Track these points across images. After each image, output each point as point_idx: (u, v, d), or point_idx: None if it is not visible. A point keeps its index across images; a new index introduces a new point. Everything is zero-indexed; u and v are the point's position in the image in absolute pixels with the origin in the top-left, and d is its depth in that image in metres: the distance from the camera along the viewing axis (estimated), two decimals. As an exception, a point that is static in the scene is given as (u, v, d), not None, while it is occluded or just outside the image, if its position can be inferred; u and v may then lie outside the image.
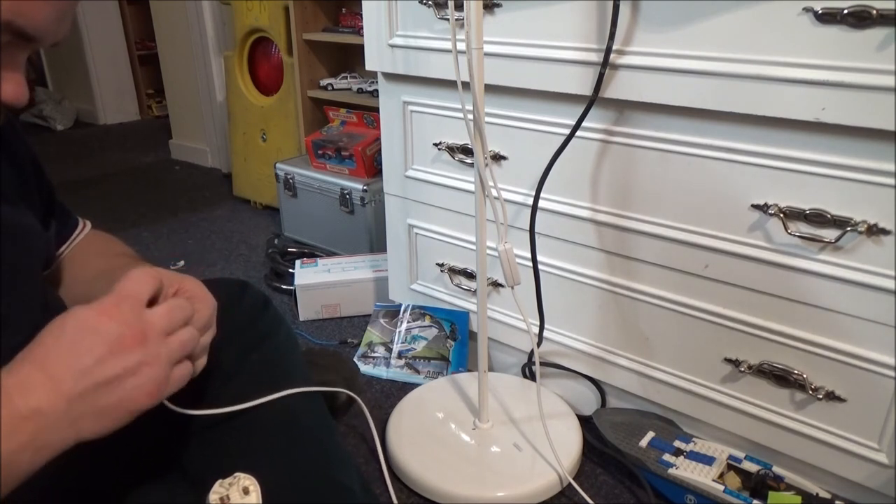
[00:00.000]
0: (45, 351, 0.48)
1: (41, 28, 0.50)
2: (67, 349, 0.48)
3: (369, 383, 1.34)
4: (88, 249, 0.76)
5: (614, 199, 1.05)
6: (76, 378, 0.47)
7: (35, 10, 0.49)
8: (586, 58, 0.97)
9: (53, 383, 0.47)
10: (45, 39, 0.51)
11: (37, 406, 0.46)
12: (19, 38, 0.49)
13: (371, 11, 1.21)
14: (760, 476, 0.96)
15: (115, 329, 0.49)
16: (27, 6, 0.48)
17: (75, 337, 0.49)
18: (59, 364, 0.47)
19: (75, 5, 0.53)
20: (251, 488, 0.58)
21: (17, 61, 0.51)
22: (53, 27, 0.51)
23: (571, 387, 1.23)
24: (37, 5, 0.49)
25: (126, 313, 0.51)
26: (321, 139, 1.90)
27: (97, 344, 0.49)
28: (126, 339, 0.49)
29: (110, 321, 0.50)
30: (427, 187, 1.30)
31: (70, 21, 0.53)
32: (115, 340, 0.49)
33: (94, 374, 0.48)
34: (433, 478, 1.03)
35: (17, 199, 0.63)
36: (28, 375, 0.47)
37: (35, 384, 0.46)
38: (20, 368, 0.47)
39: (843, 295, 0.87)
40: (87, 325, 0.49)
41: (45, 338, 0.49)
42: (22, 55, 0.51)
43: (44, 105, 3.69)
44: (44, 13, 0.49)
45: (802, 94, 0.81)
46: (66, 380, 0.47)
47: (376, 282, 1.60)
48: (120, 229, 2.19)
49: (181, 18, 2.58)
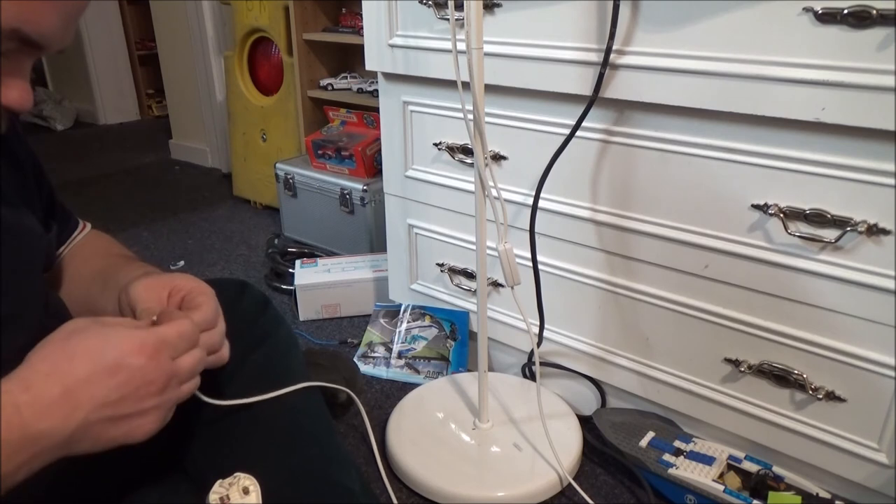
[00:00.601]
0: (74, 372, 0.48)
1: (47, 35, 0.50)
2: (98, 379, 0.48)
3: (369, 383, 1.34)
4: (87, 250, 0.77)
5: (614, 199, 1.05)
6: (95, 408, 0.48)
7: (41, 18, 0.49)
8: (586, 58, 0.97)
9: (70, 409, 0.47)
10: (51, 46, 0.51)
11: (48, 429, 0.46)
12: (25, 45, 0.49)
13: (371, 11, 1.21)
14: (760, 476, 0.96)
15: (149, 373, 0.50)
16: (34, 13, 0.48)
17: (112, 368, 0.49)
18: (84, 392, 0.48)
19: (81, 13, 0.53)
20: (251, 488, 0.58)
21: (23, 68, 0.51)
22: (59, 34, 0.51)
23: (571, 387, 1.23)
24: (43, 13, 0.49)
25: (163, 360, 0.52)
26: (321, 139, 1.90)
27: (130, 381, 0.49)
28: (154, 384, 0.51)
29: (148, 363, 0.50)
30: (427, 187, 1.30)
31: (75, 28, 0.53)
32: (146, 383, 0.50)
33: (113, 408, 0.49)
34: (433, 478, 1.03)
35: (17, 201, 0.63)
36: (48, 394, 0.47)
37: (53, 407, 0.47)
38: (43, 385, 0.47)
39: (843, 295, 0.87)
40: (126, 360, 0.50)
41: (78, 358, 0.49)
42: (27, 62, 0.52)
43: (44, 105, 3.69)
44: (50, 20, 0.49)
45: (802, 94, 0.81)
46: (83, 408, 0.48)
47: (376, 282, 1.60)
48: (120, 229, 2.19)
49: (181, 18, 2.58)
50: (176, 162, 2.97)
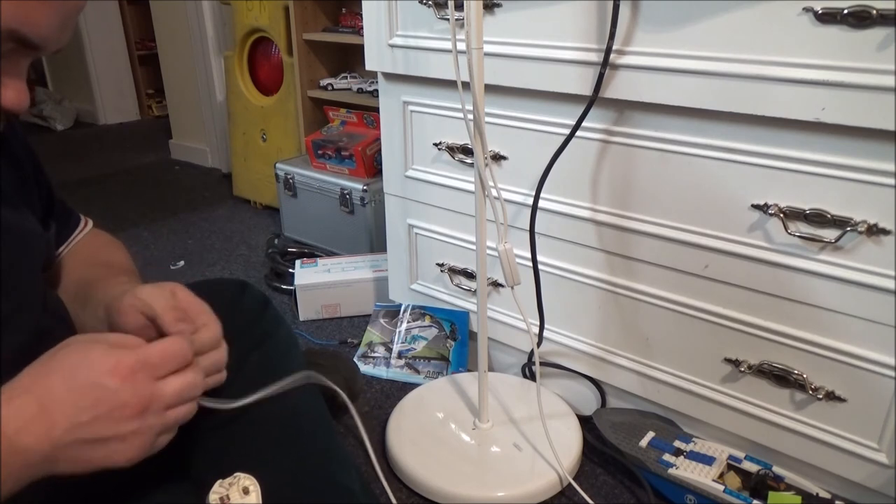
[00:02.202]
0: (50, 389, 0.48)
1: (44, 36, 0.50)
2: (72, 397, 0.48)
3: (369, 383, 1.34)
4: (78, 255, 0.75)
5: (614, 199, 1.05)
6: (69, 429, 0.47)
7: (39, 18, 0.49)
8: (586, 58, 0.97)
9: (47, 427, 0.47)
10: (48, 47, 0.51)
11: (27, 445, 0.46)
12: (22, 45, 0.49)
13: (371, 11, 1.21)
14: (760, 476, 0.96)
15: (123, 395, 0.49)
16: (31, 14, 0.48)
17: (84, 388, 0.48)
18: (58, 410, 0.47)
19: (79, 12, 0.53)
20: (251, 488, 0.58)
21: (20, 68, 0.51)
22: (56, 35, 0.51)
23: (571, 387, 1.23)
24: (41, 13, 0.49)
25: (139, 382, 0.50)
26: (321, 139, 1.90)
27: (100, 402, 0.48)
28: (129, 407, 0.49)
29: (122, 385, 0.49)
30: (427, 187, 1.30)
31: (73, 28, 0.53)
32: (119, 406, 0.49)
33: (86, 430, 0.48)
34: (433, 478, 1.03)
35: (16, 201, 0.63)
36: (26, 410, 0.47)
37: (31, 423, 0.46)
38: (21, 400, 0.47)
39: (843, 295, 0.87)
40: (99, 380, 0.49)
41: (55, 374, 0.49)
42: (24, 62, 0.52)
43: (44, 105, 3.69)
44: (47, 21, 0.49)
45: (802, 94, 0.81)
46: (59, 427, 0.47)
47: (376, 282, 1.60)
48: (120, 229, 2.19)
49: (181, 18, 2.58)
50: (176, 162, 2.97)
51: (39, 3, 0.48)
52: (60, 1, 0.50)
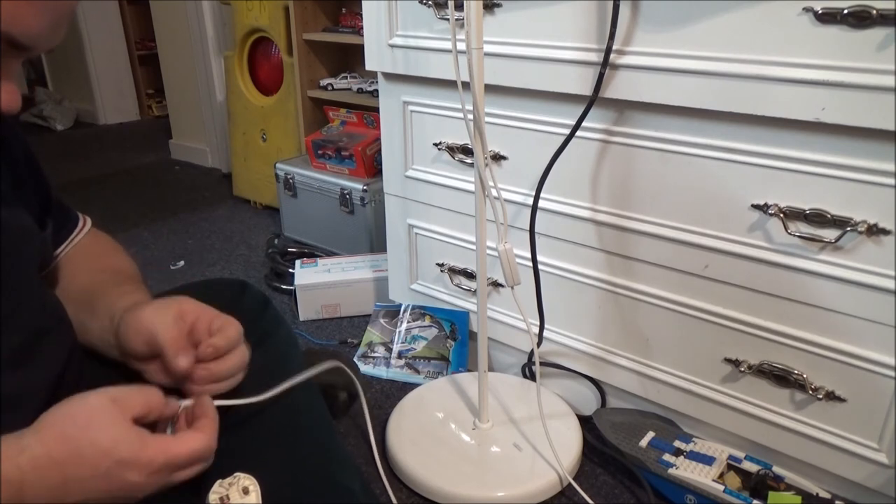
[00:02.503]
0: (77, 472, 0.49)
1: (35, 37, 0.49)
2: (94, 483, 0.50)
3: (369, 383, 1.34)
4: (81, 260, 0.75)
5: (614, 199, 1.05)
6: (81, 499, 0.49)
7: (30, 20, 0.48)
8: (586, 58, 0.97)
9: (61, 497, 0.48)
10: (40, 48, 0.51)
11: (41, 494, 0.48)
12: (12, 46, 0.49)
13: (371, 11, 1.21)
14: (760, 476, 0.96)
15: (142, 485, 0.51)
16: (22, 15, 0.47)
17: (109, 477, 0.50)
18: (77, 489, 0.49)
19: (71, 13, 0.52)
20: (251, 488, 0.58)
21: (11, 70, 0.51)
22: (47, 35, 0.50)
23: (571, 387, 1.23)
24: (32, 14, 0.48)
25: (162, 477, 0.52)
26: (321, 139, 1.90)
27: (119, 489, 0.50)
28: (144, 489, 0.51)
29: (146, 479, 0.51)
30: (427, 187, 1.30)
31: (66, 28, 0.53)
32: (136, 488, 0.51)
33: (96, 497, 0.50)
34: (433, 478, 1.03)
35: (12, 199, 0.62)
36: (49, 481, 0.48)
37: (49, 492, 0.48)
38: (48, 471, 0.48)
39: (843, 295, 0.87)
40: (125, 475, 0.50)
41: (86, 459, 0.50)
42: (15, 63, 0.51)
43: (44, 105, 3.69)
44: (38, 22, 0.49)
45: (802, 94, 0.81)
46: (72, 497, 0.49)
47: (376, 282, 1.60)
48: (120, 229, 2.19)
49: (181, 18, 2.58)
50: (176, 162, 2.97)
51: (28, 3, 0.48)
52: (51, 0, 0.49)
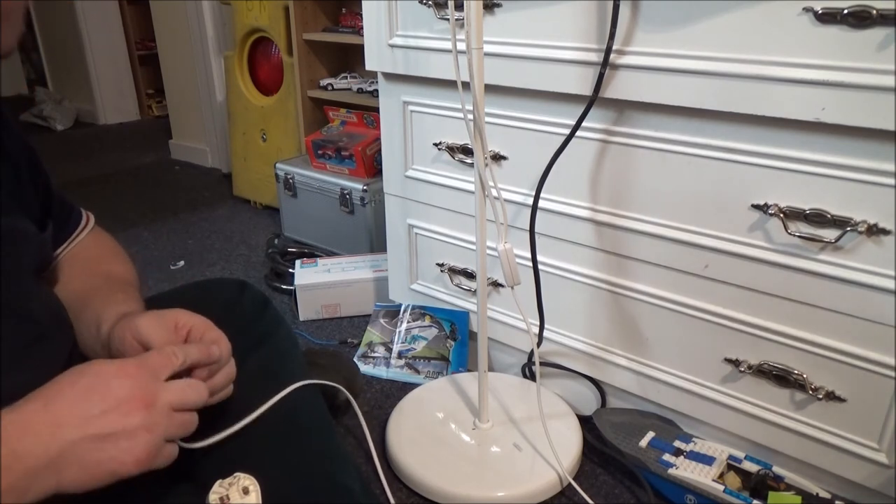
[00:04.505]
0: (57, 392, 0.49)
1: None
2: (78, 395, 0.49)
3: (369, 383, 1.34)
4: (78, 261, 0.75)
5: (614, 199, 1.05)
6: (78, 424, 0.48)
7: None
8: (586, 58, 0.97)
9: (54, 427, 0.47)
10: None
11: (31, 447, 0.46)
12: None
13: (371, 11, 1.21)
14: (760, 476, 0.96)
15: (127, 388, 0.51)
16: None
17: (89, 386, 0.50)
18: (65, 408, 0.48)
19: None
20: (251, 488, 0.58)
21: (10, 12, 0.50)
22: None
23: (571, 387, 1.23)
24: None
25: (143, 377, 0.52)
26: (321, 139, 1.90)
27: (107, 396, 0.50)
28: (135, 399, 0.51)
29: (126, 379, 0.51)
30: (427, 187, 1.30)
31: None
32: (125, 398, 0.50)
33: (94, 424, 0.49)
34: (433, 478, 1.03)
35: (10, 202, 0.62)
36: (32, 415, 0.47)
37: (36, 425, 0.47)
38: (26, 406, 0.48)
39: (843, 295, 0.87)
40: (103, 378, 0.51)
41: (62, 381, 0.50)
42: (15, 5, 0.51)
43: (44, 105, 3.69)
44: None
45: (802, 94, 0.81)
46: (67, 424, 0.48)
47: (376, 282, 1.60)
48: (120, 229, 2.19)
49: (181, 18, 2.58)
50: (176, 162, 2.97)
51: None
52: None
